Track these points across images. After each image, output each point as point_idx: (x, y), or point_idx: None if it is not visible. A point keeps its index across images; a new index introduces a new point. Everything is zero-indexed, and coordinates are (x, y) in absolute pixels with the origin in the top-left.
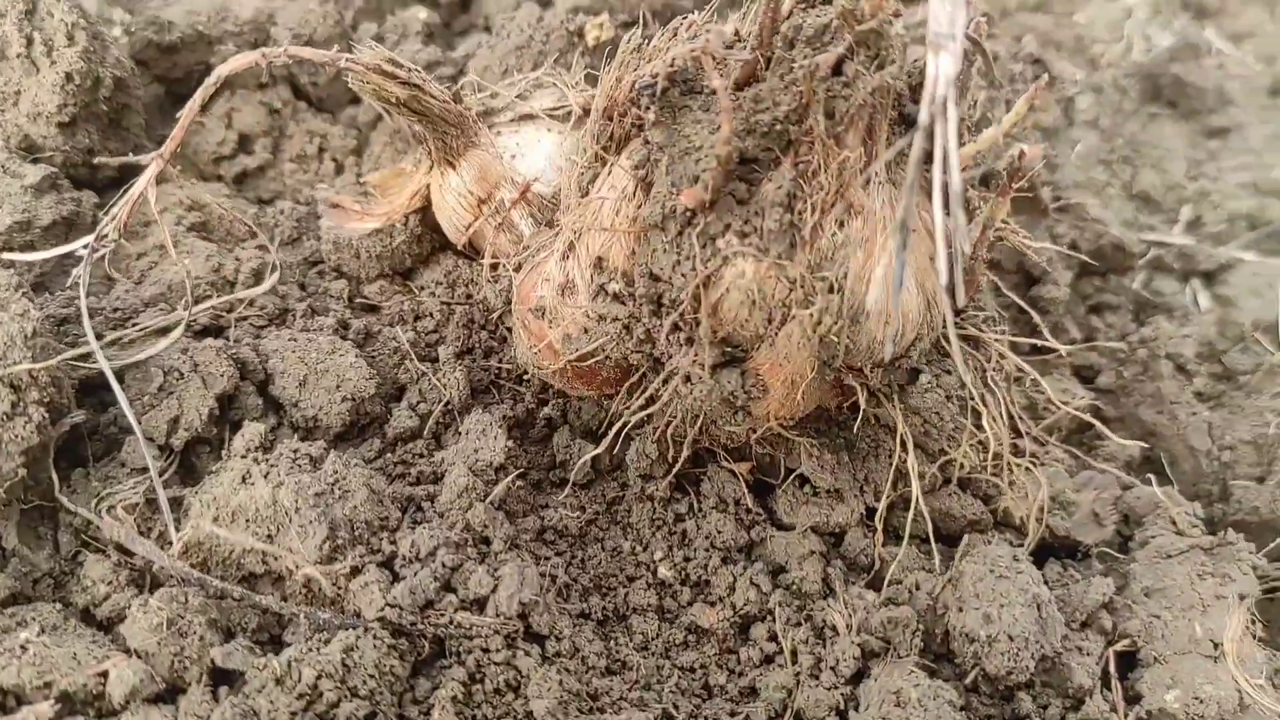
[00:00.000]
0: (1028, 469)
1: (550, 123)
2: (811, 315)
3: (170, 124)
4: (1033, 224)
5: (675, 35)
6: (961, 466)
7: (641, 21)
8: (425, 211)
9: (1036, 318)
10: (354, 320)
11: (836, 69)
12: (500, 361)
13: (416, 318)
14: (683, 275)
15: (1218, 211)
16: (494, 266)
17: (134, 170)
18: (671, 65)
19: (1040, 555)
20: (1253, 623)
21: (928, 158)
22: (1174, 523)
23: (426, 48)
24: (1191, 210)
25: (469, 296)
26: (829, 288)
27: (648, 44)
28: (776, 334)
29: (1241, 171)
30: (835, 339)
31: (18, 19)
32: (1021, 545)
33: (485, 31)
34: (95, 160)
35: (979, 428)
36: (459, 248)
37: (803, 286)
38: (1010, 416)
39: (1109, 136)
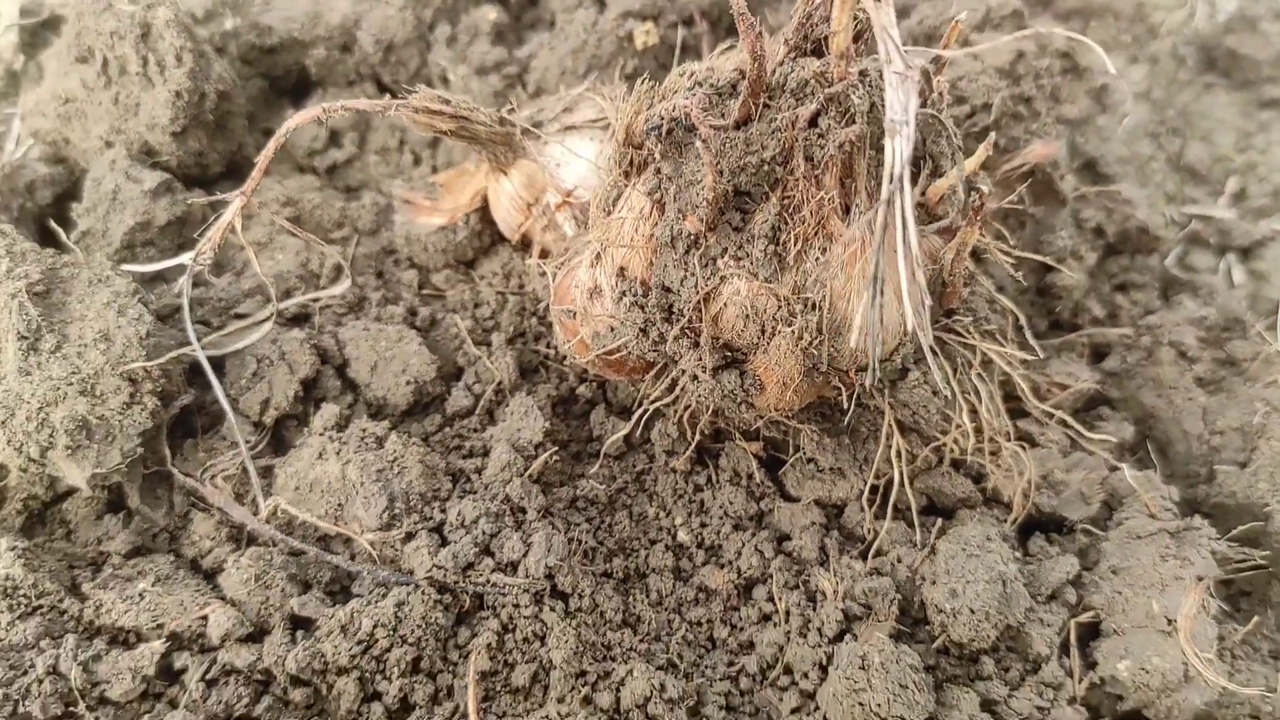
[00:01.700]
0: (1015, 453)
1: (591, 133)
2: (794, 331)
3: (274, 114)
4: (1052, 213)
5: (684, 75)
6: (953, 450)
7: (688, 22)
8: (484, 209)
9: (1020, 320)
10: (421, 308)
11: (813, 121)
12: (547, 345)
13: (476, 305)
14: (689, 289)
15: (1263, 184)
16: (542, 260)
17: (242, 166)
18: (673, 111)
19: (1028, 529)
20: (1208, 601)
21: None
22: (1147, 506)
23: (494, 48)
24: (1237, 183)
25: (521, 287)
26: (810, 306)
27: (659, 85)
28: (769, 343)
29: None
30: (816, 351)
31: (134, 42)
32: (1006, 521)
33: (550, 26)
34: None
35: (970, 417)
36: (513, 243)
37: (787, 305)
38: (998, 406)
39: (1160, 108)
